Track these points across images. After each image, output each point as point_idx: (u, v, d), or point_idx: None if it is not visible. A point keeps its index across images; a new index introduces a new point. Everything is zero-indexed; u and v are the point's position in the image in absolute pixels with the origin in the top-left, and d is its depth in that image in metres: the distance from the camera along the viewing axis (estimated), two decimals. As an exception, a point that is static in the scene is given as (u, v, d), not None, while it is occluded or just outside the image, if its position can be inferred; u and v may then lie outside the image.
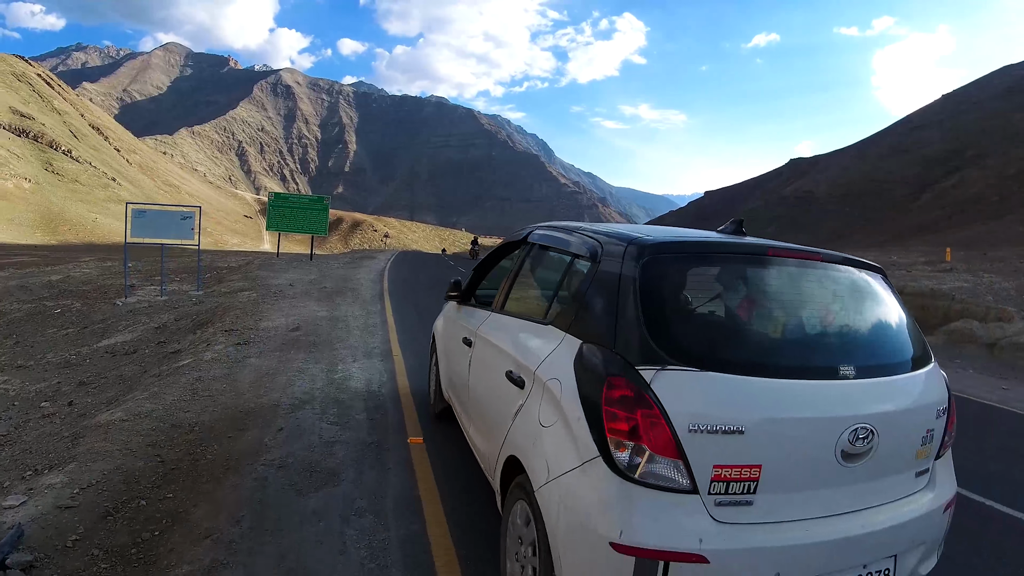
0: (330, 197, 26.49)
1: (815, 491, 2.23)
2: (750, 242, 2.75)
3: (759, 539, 2.10)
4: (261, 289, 14.85)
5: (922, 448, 2.46)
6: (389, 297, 14.43)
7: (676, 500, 2.08)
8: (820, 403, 2.24)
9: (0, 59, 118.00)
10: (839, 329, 2.68)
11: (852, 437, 2.21)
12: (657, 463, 2.08)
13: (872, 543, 2.28)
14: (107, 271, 21.93)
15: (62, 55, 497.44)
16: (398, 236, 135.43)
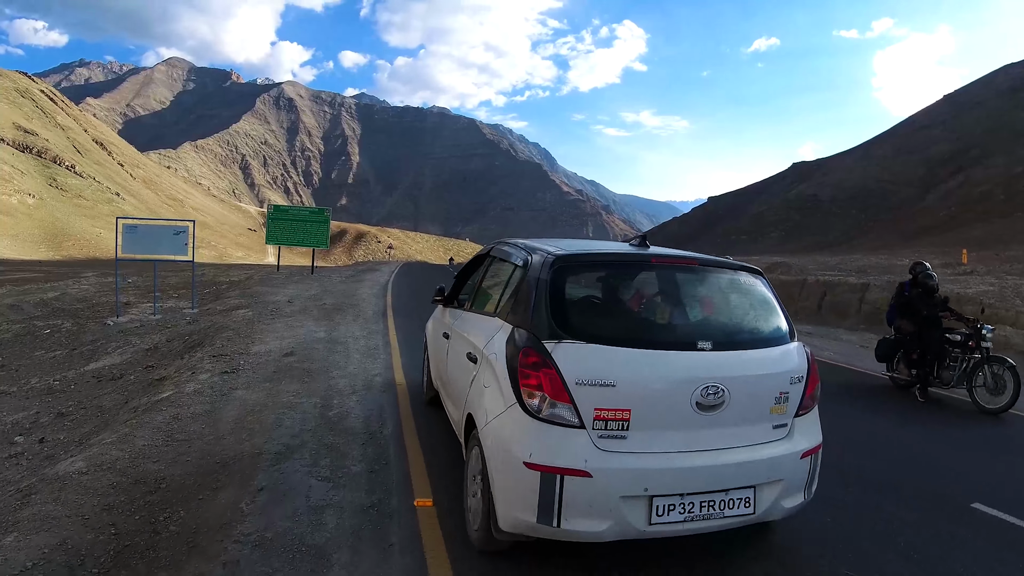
0: (331, 209, 25.73)
1: (677, 431, 2.99)
2: (637, 252, 3.55)
3: (630, 462, 2.89)
4: (258, 306, 14.10)
5: (776, 406, 3.19)
6: (393, 314, 13.63)
7: (568, 433, 2.90)
8: (677, 367, 3.02)
9: (3, 75, 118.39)
10: (704, 314, 3.51)
11: (704, 393, 2.97)
12: (555, 407, 2.92)
13: (729, 474, 3.02)
14: (105, 287, 21.19)
15: (65, 71, 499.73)
16: (402, 247, 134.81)
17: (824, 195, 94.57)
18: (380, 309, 14.36)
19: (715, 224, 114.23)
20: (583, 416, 2.91)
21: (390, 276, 26.49)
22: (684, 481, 2.95)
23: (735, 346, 3.26)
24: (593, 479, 2.83)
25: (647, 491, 2.89)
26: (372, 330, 11.11)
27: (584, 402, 2.90)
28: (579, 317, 3.29)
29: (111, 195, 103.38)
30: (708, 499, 2.99)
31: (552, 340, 3.02)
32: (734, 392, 3.03)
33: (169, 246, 15.09)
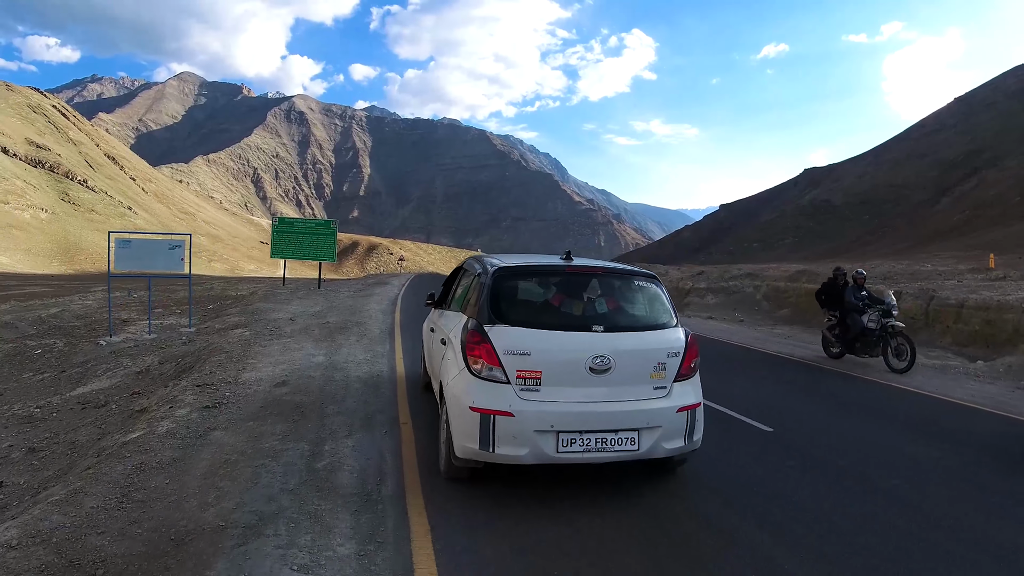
0: (338, 221, 24.90)
1: (576, 387, 4.18)
2: (560, 264, 4.76)
3: (542, 407, 4.08)
4: (257, 325, 13.26)
5: (656, 373, 4.35)
6: (401, 333, 12.70)
7: (499, 387, 4.13)
8: (574, 343, 4.22)
9: (16, 91, 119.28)
10: (606, 307, 4.59)
11: (594, 361, 4.15)
12: (491, 371, 4.16)
13: (617, 419, 4.17)
14: (105, 306, 20.51)
15: (78, 87, 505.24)
16: (414, 259, 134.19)
17: (836, 200, 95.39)
18: (387, 328, 13.45)
19: (727, 231, 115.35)
20: (509, 375, 4.18)
21: (400, 290, 25.61)
22: (581, 422, 4.15)
23: (622, 329, 4.49)
24: (515, 418, 4.07)
25: (553, 427, 4.10)
26: (377, 353, 10.19)
27: (509, 366, 4.17)
28: (509, 309, 4.46)
29: (123, 209, 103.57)
30: (601, 436, 4.17)
31: (489, 325, 4.30)
32: (618, 361, 4.24)
33: (165, 261, 14.36)
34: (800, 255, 71.32)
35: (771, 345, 14.45)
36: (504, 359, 4.17)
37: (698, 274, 31.65)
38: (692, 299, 26.74)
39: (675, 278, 31.87)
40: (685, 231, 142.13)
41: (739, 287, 25.37)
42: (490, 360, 4.18)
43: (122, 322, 15.98)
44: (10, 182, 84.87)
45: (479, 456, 4.19)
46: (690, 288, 28.27)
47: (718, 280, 28.12)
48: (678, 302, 21.86)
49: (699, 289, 27.77)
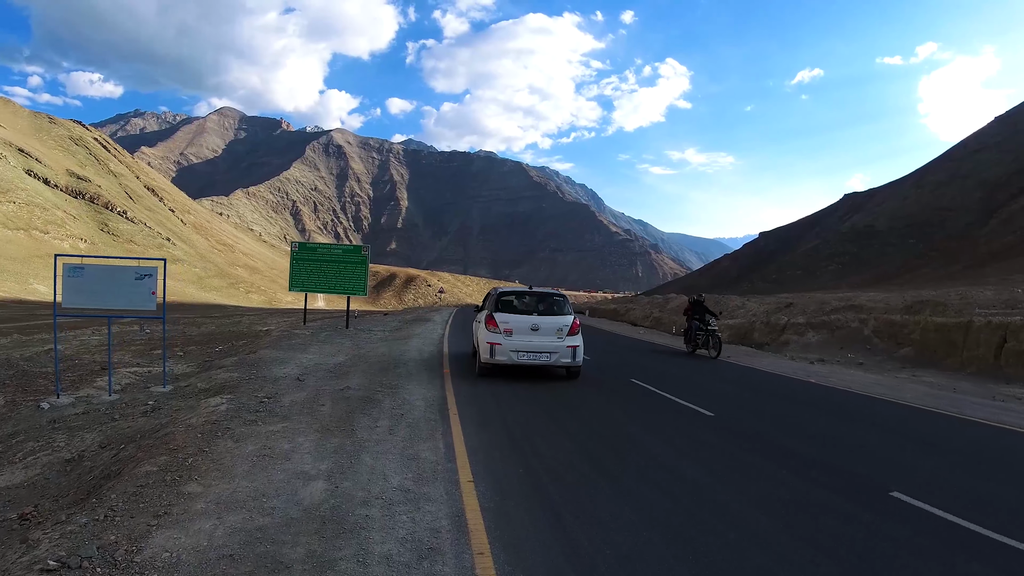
0: (370, 247, 20.78)
1: (525, 336, 11.09)
2: (523, 289, 12.63)
3: (512, 341, 11.05)
4: (248, 387, 9.27)
5: (558, 332, 11.17)
6: (459, 414, 8.16)
7: (497, 335, 11.11)
8: (526, 319, 11.28)
9: (58, 124, 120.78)
10: (542, 306, 11.72)
11: (532, 325, 11.13)
12: (495, 329, 11.11)
13: (542, 347, 11.10)
14: (114, 340, 16.76)
15: (121, 121, 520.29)
16: (452, 290, 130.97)
17: (880, 225, 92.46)
18: (435, 399, 9.02)
19: (767, 260, 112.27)
20: (500, 330, 11.03)
21: (445, 328, 21.65)
22: (527, 348, 10.99)
23: (544, 315, 11.42)
24: (502, 345, 10.95)
25: (516, 350, 10.98)
26: (423, 471, 5.70)
27: (502, 326, 11.04)
28: (502, 306, 11.51)
29: (161, 240, 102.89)
30: (535, 354, 11.00)
31: (495, 311, 11.28)
32: (542, 326, 11.13)
33: (129, 295, 10.42)
34: (846, 282, 69.67)
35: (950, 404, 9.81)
36: (500, 325, 11.01)
37: (786, 306, 26.99)
38: (790, 336, 22.36)
39: (757, 312, 27.26)
40: (724, 260, 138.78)
41: (842, 321, 21.55)
42: (494, 325, 11.02)
43: (94, 373, 12.32)
44: (51, 212, 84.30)
45: (488, 361, 11.08)
46: (785, 324, 23.64)
47: (816, 314, 23.68)
48: (773, 339, 21.48)
49: (797, 325, 23.19)
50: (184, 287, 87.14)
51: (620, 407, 9.43)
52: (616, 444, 7.00)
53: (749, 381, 12.87)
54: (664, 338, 25.72)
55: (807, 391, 11.74)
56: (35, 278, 65.48)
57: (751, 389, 11.81)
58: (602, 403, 9.65)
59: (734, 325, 25.70)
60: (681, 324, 22.33)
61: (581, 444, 6.86)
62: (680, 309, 28.08)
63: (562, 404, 9.28)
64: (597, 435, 7.32)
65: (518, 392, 9.98)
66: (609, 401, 9.88)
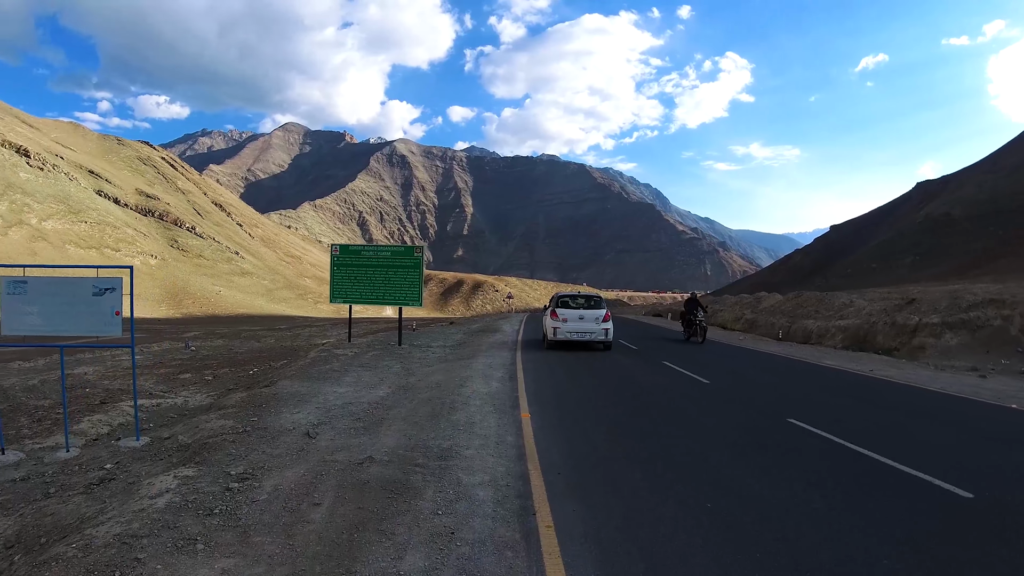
0: (423, 246, 17.72)
1: (576, 323, 17.12)
2: (577, 293, 19.97)
3: (565, 326, 17.04)
4: (225, 455, 6.45)
5: (596, 320, 17.17)
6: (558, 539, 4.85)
7: (557, 321, 17.09)
8: (575, 312, 17.44)
9: (126, 145, 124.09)
10: (589, 307, 17.70)
11: (579, 316, 17.43)
12: (556, 318, 17.12)
13: (588, 331, 17.09)
14: (141, 365, 14.31)
15: (189, 141, 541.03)
16: (520, 295, 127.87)
17: (956, 213, 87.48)
18: (511, 485, 5.51)
19: (840, 254, 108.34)
20: (558, 319, 16.99)
21: (515, 344, 18.67)
22: (576, 331, 16.97)
23: (587, 308, 17.55)
24: (560, 328, 16.89)
25: (568, 332, 16.94)
26: None
27: (560, 317, 17.04)
28: (561, 304, 17.71)
29: (230, 254, 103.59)
30: (582, 334, 16.97)
31: (555, 308, 17.46)
32: (586, 316, 17.13)
33: (88, 317, 7.68)
34: (926, 274, 66.73)
35: None
36: (559, 316, 17.03)
37: (908, 303, 22.44)
38: (925, 339, 18.44)
39: (873, 311, 22.84)
40: (796, 255, 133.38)
41: (983, 319, 18.15)
42: (556, 316, 17.02)
43: (99, 404, 9.98)
44: (121, 230, 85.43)
45: (552, 338, 17.04)
46: (917, 324, 19.38)
47: (951, 311, 19.43)
48: (903, 343, 18.55)
49: (931, 325, 18.96)
50: (254, 299, 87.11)
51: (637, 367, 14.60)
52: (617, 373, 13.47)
53: (918, 407, 9.13)
54: (781, 347, 21.67)
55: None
56: (107, 295, 65.79)
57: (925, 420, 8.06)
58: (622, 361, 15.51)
59: (847, 327, 21.63)
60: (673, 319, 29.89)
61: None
62: (771, 309, 30.24)
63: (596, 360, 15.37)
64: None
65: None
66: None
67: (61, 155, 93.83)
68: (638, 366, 14.64)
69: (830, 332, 22.32)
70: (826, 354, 18.17)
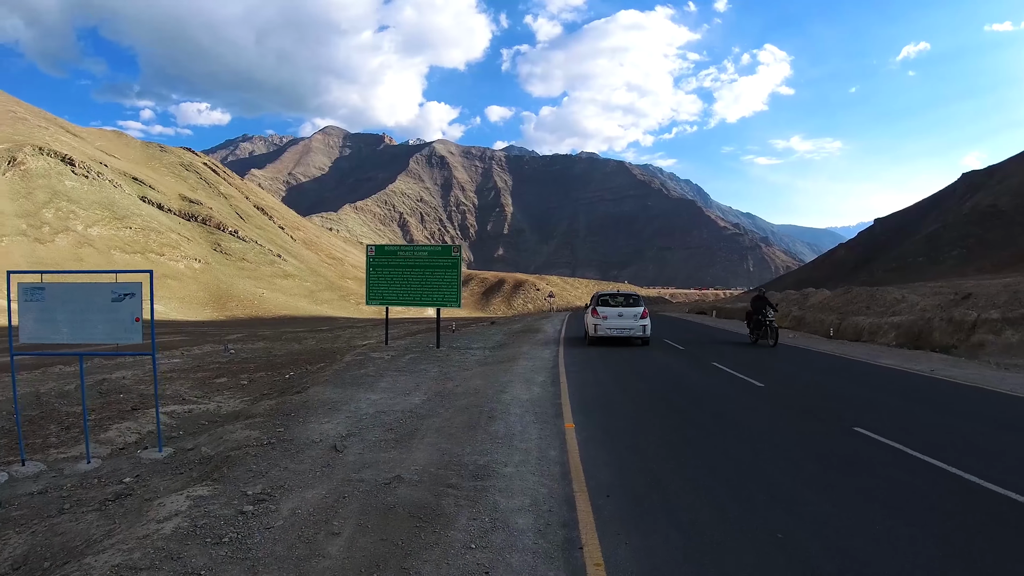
0: (460, 246, 17.27)
1: (615, 320, 18.16)
2: (616, 292, 21.22)
3: (606, 323, 18.13)
4: (245, 471, 6.03)
5: (635, 316, 18.23)
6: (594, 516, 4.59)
7: (598, 319, 18.23)
8: (615, 310, 18.53)
9: (168, 152, 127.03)
10: (627, 305, 18.77)
11: (619, 313, 18.33)
12: (597, 316, 18.24)
13: (625, 327, 18.11)
14: (178, 370, 14.26)
15: (231, 146, 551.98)
16: (561, 294, 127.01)
17: (1004, 204, 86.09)
18: (553, 512, 4.92)
19: (885, 247, 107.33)
20: (599, 316, 18.07)
21: (558, 346, 18.17)
22: (616, 327, 17.99)
23: (626, 306, 18.57)
24: (600, 325, 17.97)
25: (609, 328, 18.00)
26: None
27: (600, 315, 18.12)
28: (601, 303, 18.73)
29: (273, 257, 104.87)
30: (621, 331, 17.99)
31: (595, 306, 18.52)
32: (625, 314, 18.17)
33: (105, 323, 7.27)
34: (974, 267, 65.41)
35: None
36: (600, 313, 18.05)
37: (964, 298, 21.16)
38: (984, 336, 17.29)
39: (927, 307, 21.53)
40: (839, 250, 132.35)
41: None
42: (597, 314, 18.04)
43: (131, 410, 9.81)
44: (165, 235, 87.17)
45: (594, 335, 18.03)
46: (975, 321, 18.16)
47: (1012, 306, 18.19)
48: (961, 340, 17.38)
49: (991, 321, 17.71)
50: (296, 301, 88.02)
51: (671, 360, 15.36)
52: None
53: None
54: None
55: None
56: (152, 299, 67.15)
57: None
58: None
59: (901, 324, 20.47)
60: None
61: (628, 359, 15.14)
62: (820, 305, 29.17)
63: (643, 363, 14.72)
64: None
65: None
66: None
67: (105, 163, 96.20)
68: (687, 368, 13.85)
69: (882, 329, 21.22)
70: (881, 352, 17.10)
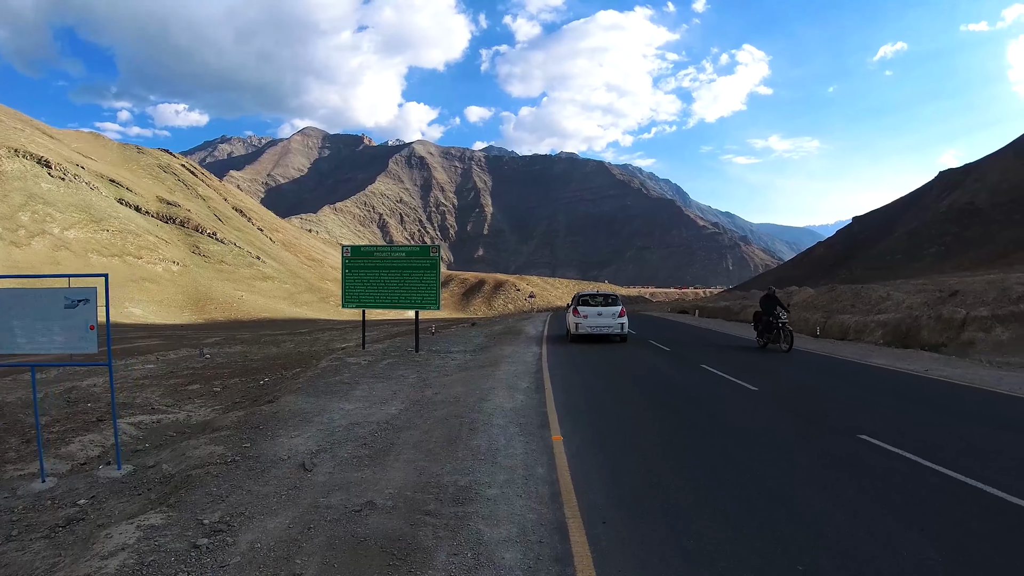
0: (439, 246, 16.67)
1: (595, 318, 19.31)
2: (594, 292, 22.56)
3: (586, 322, 19.23)
4: (203, 495, 5.42)
5: (613, 315, 19.41)
6: None
7: (578, 318, 19.40)
8: (595, 308, 19.72)
9: (146, 153, 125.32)
10: (606, 305, 19.99)
11: (599, 312, 19.71)
12: (577, 314, 19.46)
13: (606, 325, 19.32)
14: (152, 377, 13.73)
15: (209, 148, 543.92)
16: (542, 294, 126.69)
17: (981, 202, 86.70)
18: (545, 543, 4.54)
19: (863, 246, 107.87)
20: (580, 315, 19.29)
21: (541, 349, 17.59)
22: (596, 325, 19.19)
23: (605, 306, 19.77)
24: (581, 323, 19.14)
25: (589, 327, 19.16)
26: None
27: (582, 313, 19.32)
28: (582, 302, 19.95)
29: (251, 259, 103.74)
30: (600, 329, 19.23)
31: (576, 306, 19.80)
32: (604, 313, 19.38)
33: (58, 331, 6.75)
34: (952, 264, 65.98)
35: None
36: (580, 312, 19.23)
37: (951, 295, 21.10)
38: (974, 333, 17.21)
39: (914, 304, 21.43)
40: (818, 248, 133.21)
41: None
42: (577, 313, 19.29)
43: (96, 420, 9.11)
44: (143, 238, 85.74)
45: (575, 332, 19.25)
46: (965, 318, 18.04)
47: (1000, 303, 18.20)
48: (951, 338, 17.18)
49: (980, 319, 17.64)
50: (276, 303, 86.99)
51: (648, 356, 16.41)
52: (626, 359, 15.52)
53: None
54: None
55: None
56: (130, 302, 66.04)
57: None
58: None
59: (888, 322, 20.33)
60: None
61: (614, 363, 14.58)
62: (804, 304, 28.15)
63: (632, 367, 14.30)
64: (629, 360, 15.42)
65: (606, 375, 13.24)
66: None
67: (82, 165, 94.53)
68: (675, 371, 13.46)
69: (869, 328, 21.03)
70: (870, 351, 16.86)
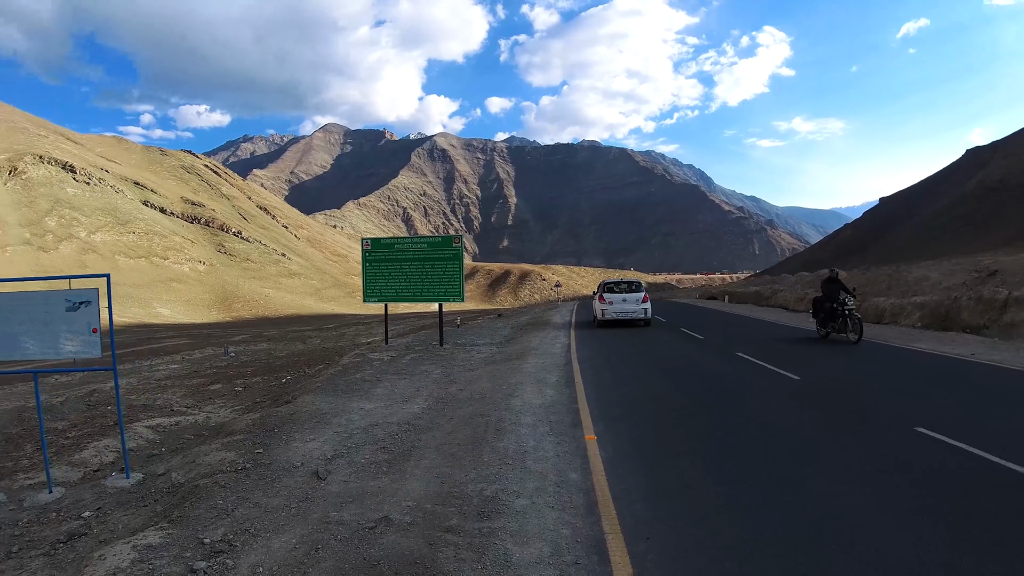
0: (462, 236, 16.17)
1: (619, 304, 20.58)
2: (621, 279, 24.42)
3: (611, 308, 20.49)
4: (209, 507, 5.23)
5: (637, 301, 20.58)
6: None
7: (604, 304, 20.73)
8: (619, 295, 21.09)
9: (169, 155, 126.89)
10: (630, 291, 21.18)
11: (623, 299, 20.93)
12: (603, 301, 20.85)
13: (630, 311, 20.44)
14: (174, 378, 13.66)
15: (231, 147, 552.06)
16: (568, 283, 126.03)
17: (1012, 180, 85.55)
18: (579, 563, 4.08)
19: (891, 226, 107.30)
20: (605, 302, 20.64)
21: (569, 340, 17.05)
22: (620, 311, 20.42)
23: (629, 292, 21.06)
24: (608, 309, 20.43)
25: (614, 313, 20.41)
26: None
27: (606, 300, 20.68)
28: (607, 290, 21.34)
29: (277, 256, 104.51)
30: (625, 314, 20.41)
31: (601, 293, 21.32)
32: (628, 299, 20.57)
33: (59, 336, 6.42)
34: (983, 243, 64.16)
35: None
36: (605, 299, 20.68)
37: (989, 275, 20.23)
38: (1017, 314, 16.11)
39: (953, 285, 20.57)
40: (845, 230, 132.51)
41: None
42: (603, 300, 20.68)
43: (114, 424, 9.14)
44: (169, 239, 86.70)
45: (602, 318, 20.53)
46: (1007, 299, 17.05)
47: None
48: (993, 320, 15.83)
49: (1023, 299, 16.68)
50: (303, 299, 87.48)
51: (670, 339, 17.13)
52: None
53: None
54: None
55: None
56: (158, 302, 66.71)
57: None
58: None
59: (925, 304, 19.47)
60: None
61: (646, 354, 13.76)
62: None
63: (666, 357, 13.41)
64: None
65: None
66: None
67: (106, 169, 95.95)
68: (708, 358, 12.93)
69: (906, 310, 20.19)
70: (911, 335, 15.96)
